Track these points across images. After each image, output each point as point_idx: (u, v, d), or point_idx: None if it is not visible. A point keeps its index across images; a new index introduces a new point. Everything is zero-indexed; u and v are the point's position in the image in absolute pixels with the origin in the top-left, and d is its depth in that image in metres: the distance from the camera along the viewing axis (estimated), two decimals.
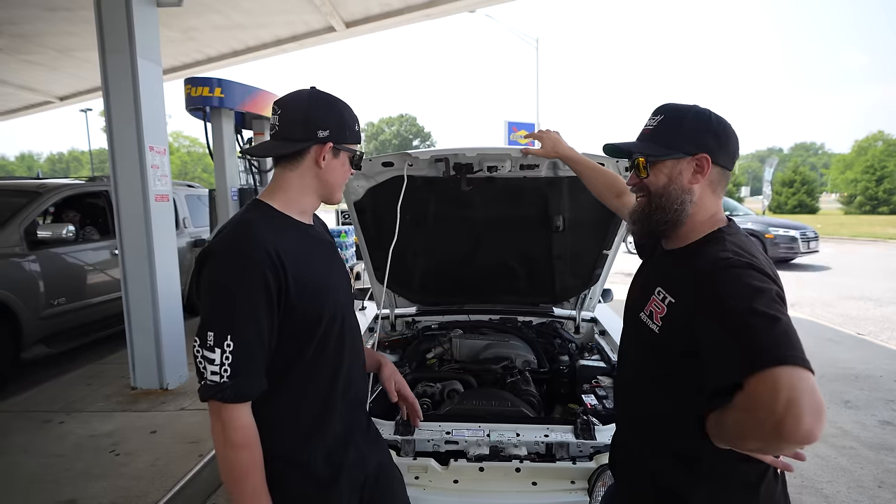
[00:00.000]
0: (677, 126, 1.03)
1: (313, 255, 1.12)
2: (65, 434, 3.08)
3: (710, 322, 0.88)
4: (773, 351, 0.78)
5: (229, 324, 0.96)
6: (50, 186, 4.87)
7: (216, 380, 0.96)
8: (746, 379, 0.79)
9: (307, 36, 7.41)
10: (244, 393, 0.98)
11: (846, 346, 5.51)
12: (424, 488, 1.60)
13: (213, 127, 4.99)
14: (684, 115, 1.04)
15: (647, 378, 1.09)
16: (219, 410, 0.98)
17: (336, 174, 1.14)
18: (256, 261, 0.98)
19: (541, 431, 1.69)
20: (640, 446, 1.12)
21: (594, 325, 2.78)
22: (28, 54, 7.85)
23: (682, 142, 1.02)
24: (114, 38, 3.41)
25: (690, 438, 0.97)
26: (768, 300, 0.84)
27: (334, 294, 1.14)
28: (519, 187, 2.28)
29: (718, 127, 1.03)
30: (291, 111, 1.09)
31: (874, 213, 33.40)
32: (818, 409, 0.73)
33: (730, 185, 9.31)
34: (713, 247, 0.98)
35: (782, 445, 0.77)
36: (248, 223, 1.04)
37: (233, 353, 0.96)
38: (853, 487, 2.82)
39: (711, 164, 1.01)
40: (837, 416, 3.76)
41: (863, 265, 11.51)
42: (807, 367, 0.77)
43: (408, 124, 61.35)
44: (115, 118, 3.49)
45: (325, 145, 1.09)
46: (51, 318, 4.37)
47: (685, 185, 1.02)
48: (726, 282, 0.89)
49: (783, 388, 0.74)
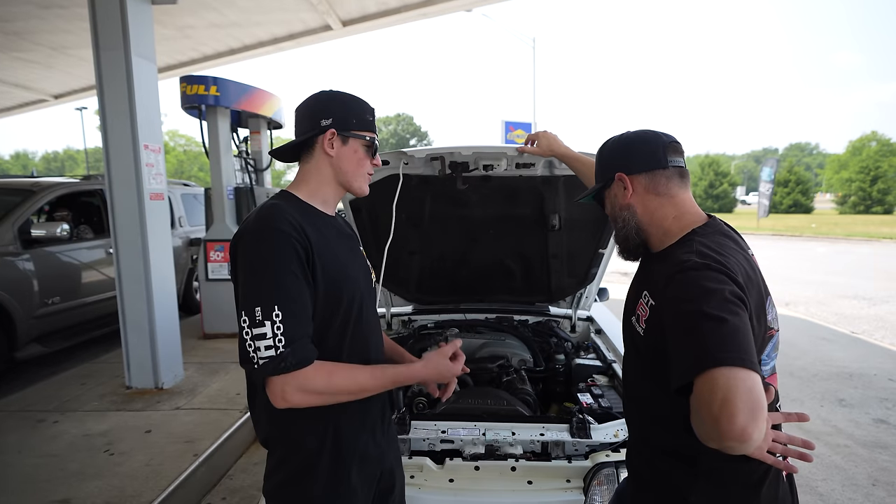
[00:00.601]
0: (599, 163, 1.19)
1: (334, 242, 1.16)
2: (59, 434, 3.06)
3: (669, 324, 0.92)
4: (715, 352, 0.80)
5: (273, 294, 0.98)
6: (44, 185, 4.84)
7: (271, 354, 0.96)
8: (695, 379, 0.81)
9: (304, 34, 7.39)
10: (303, 357, 0.99)
11: (840, 344, 5.54)
12: (420, 487, 1.59)
13: (208, 125, 4.97)
14: (601, 150, 1.18)
15: (642, 379, 1.11)
16: (285, 384, 0.98)
17: (348, 161, 1.17)
18: (287, 234, 1.02)
19: (536, 430, 1.68)
20: (642, 446, 1.13)
21: (590, 324, 2.79)
22: (22, 52, 7.78)
23: (603, 173, 1.16)
24: (108, 35, 3.38)
25: (688, 438, 0.97)
26: (719, 301, 0.85)
27: (353, 282, 1.17)
28: (515, 186, 2.28)
29: (618, 145, 1.14)
30: (301, 110, 1.19)
31: (868, 212, 33.62)
32: (753, 409, 0.75)
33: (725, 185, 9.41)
34: (682, 249, 1.01)
35: (726, 444, 0.77)
36: (275, 206, 1.09)
37: (283, 322, 0.97)
38: (847, 486, 2.84)
39: (628, 176, 1.09)
40: (832, 414, 3.78)
41: (857, 264, 11.58)
42: (747, 366, 0.78)
43: (405, 123, 61.26)
44: (110, 116, 3.47)
45: (328, 132, 1.14)
46: (45, 317, 4.35)
47: (623, 204, 1.12)
48: (682, 284, 0.92)
49: (719, 388, 0.77)
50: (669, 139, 1.10)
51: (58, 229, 4.34)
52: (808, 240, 17.95)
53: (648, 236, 1.11)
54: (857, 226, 22.28)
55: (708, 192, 40.18)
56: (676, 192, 1.08)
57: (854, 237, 17.84)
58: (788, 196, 36.22)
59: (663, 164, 1.08)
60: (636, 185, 1.09)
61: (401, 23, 7.22)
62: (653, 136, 1.10)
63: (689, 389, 0.84)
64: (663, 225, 1.07)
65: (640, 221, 1.10)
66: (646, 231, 1.10)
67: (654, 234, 1.09)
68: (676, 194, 1.08)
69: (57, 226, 4.37)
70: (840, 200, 37.76)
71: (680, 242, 1.04)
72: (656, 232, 1.09)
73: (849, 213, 34.35)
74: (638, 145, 1.11)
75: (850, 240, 17.42)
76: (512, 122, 18.00)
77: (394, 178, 2.00)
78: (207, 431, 3.06)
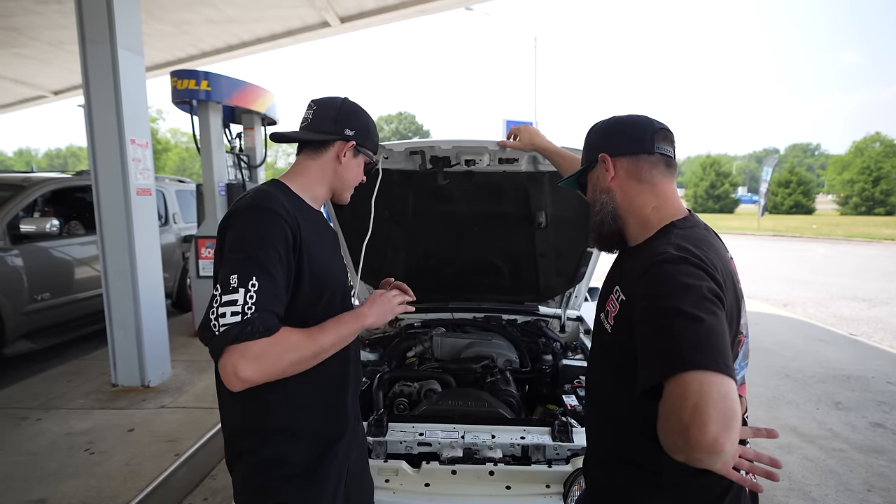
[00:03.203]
0: (585, 145, 1.13)
1: (320, 236, 1.17)
2: (41, 432, 3.02)
3: (640, 321, 0.85)
4: (688, 354, 0.73)
5: (254, 265, 0.97)
6: (34, 180, 4.80)
7: (237, 319, 0.91)
8: (665, 383, 0.74)
9: (302, 31, 7.36)
10: (270, 325, 0.94)
11: (838, 346, 5.48)
12: (394, 492, 1.55)
13: (200, 121, 4.91)
14: (588, 132, 1.13)
15: (606, 381, 1.05)
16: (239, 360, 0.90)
17: (351, 173, 1.24)
18: (278, 214, 1.04)
19: (517, 433, 1.64)
20: (602, 453, 1.08)
21: (580, 324, 2.74)
22: (20, 48, 7.77)
23: (587, 154, 1.12)
24: (94, 28, 3.34)
25: (650, 446, 0.92)
26: (696, 299, 0.79)
27: (335, 278, 1.18)
28: (499, 182, 2.23)
29: (609, 126, 1.09)
30: (325, 108, 1.21)
31: (870, 213, 33.50)
32: (726, 418, 0.68)
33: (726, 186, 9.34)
34: (658, 241, 0.95)
35: (694, 456, 0.70)
36: (268, 191, 1.11)
37: (258, 293, 0.94)
38: (842, 491, 2.78)
39: (611, 158, 1.04)
40: (828, 417, 3.72)
41: (858, 266, 11.50)
42: (722, 371, 0.71)
43: (406, 122, 61.21)
44: (96, 110, 3.42)
45: (349, 143, 1.20)
46: (34, 314, 4.30)
47: (602, 187, 1.07)
48: (656, 278, 0.85)
49: (690, 394, 0.70)
50: (660, 125, 1.05)
51: (47, 225, 4.30)
52: (808, 241, 17.85)
53: (626, 224, 1.04)
54: (859, 227, 22.17)
55: (709, 192, 40.08)
56: (660, 181, 1.02)
57: (855, 238, 17.74)
58: (790, 197, 36.11)
59: (649, 150, 1.02)
60: (619, 169, 1.04)
61: (399, 20, 7.18)
62: (644, 120, 1.06)
63: (657, 393, 0.77)
64: (642, 214, 1.02)
65: (619, 207, 1.04)
66: (623, 218, 1.04)
67: (632, 224, 1.03)
68: (659, 183, 1.02)
69: (46, 221, 4.33)
70: (842, 201, 37.62)
71: (657, 235, 0.98)
72: (634, 221, 1.03)
73: (850, 215, 34.20)
74: (626, 127, 1.06)
75: (851, 241, 17.33)
76: (513, 120, 17.92)
77: (373, 173, 1.95)
78: (191, 430, 3.02)
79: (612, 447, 1.03)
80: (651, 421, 0.89)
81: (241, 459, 1.12)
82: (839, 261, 12.37)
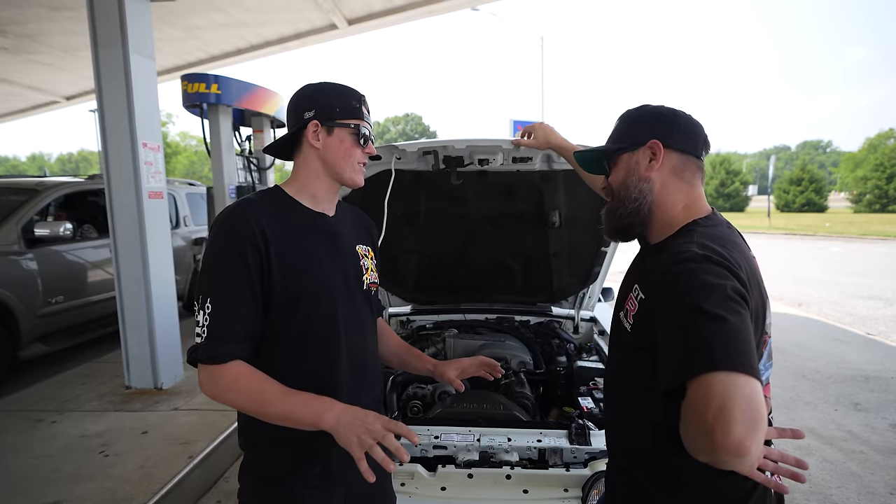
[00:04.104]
0: (630, 123, 1.06)
1: (309, 240, 1.11)
2: (56, 434, 3.05)
3: (662, 319, 0.83)
4: (712, 355, 0.72)
5: (210, 287, 1.02)
6: (48, 185, 4.85)
7: (198, 341, 1.01)
8: (687, 384, 0.73)
9: (310, 34, 7.37)
10: (213, 354, 0.99)
11: (855, 346, 5.38)
12: (410, 496, 1.53)
13: (210, 124, 4.96)
14: (636, 112, 1.07)
15: (626, 382, 1.03)
16: (202, 375, 1.02)
17: (335, 151, 1.13)
18: (235, 229, 1.03)
19: (533, 436, 1.62)
20: (621, 454, 1.06)
21: (594, 325, 2.71)
22: (34, 54, 7.86)
23: (633, 135, 1.04)
24: (106, 33, 3.36)
25: (669, 448, 0.91)
26: (719, 298, 0.77)
27: (323, 282, 1.11)
28: (512, 182, 2.20)
29: (666, 113, 1.03)
30: (288, 107, 1.17)
31: (884, 211, 32.95)
32: (752, 420, 0.66)
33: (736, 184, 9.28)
34: (681, 239, 0.93)
35: (719, 458, 0.69)
36: (242, 201, 1.10)
37: (210, 316, 1.00)
38: (863, 494, 2.72)
39: (664, 148, 0.99)
40: (846, 418, 3.65)
41: (873, 264, 11.31)
42: (748, 372, 0.70)
43: (413, 123, 61.34)
44: (108, 114, 3.45)
45: (310, 124, 1.11)
46: (48, 317, 4.35)
47: (642, 174, 1.01)
48: (679, 276, 0.84)
49: (715, 395, 0.68)
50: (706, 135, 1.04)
51: (61, 228, 4.34)
52: (821, 239, 17.60)
53: (652, 219, 1.02)
54: (873, 225, 21.82)
55: (719, 190, 39.69)
56: (696, 184, 1.02)
57: (870, 236, 17.46)
58: (802, 195, 35.65)
59: (698, 154, 1.02)
60: (665, 161, 1.00)
61: (407, 21, 7.17)
62: (697, 122, 1.03)
63: (678, 394, 0.76)
64: (672, 212, 1.00)
65: (654, 201, 1.00)
66: (653, 213, 1.01)
67: (659, 220, 1.01)
68: (695, 186, 1.02)
69: (60, 225, 4.37)
70: (855, 199, 37.05)
71: (679, 233, 0.96)
72: (662, 217, 1.01)
73: (864, 212, 33.68)
74: (684, 122, 1.02)
75: (865, 239, 17.05)
76: (520, 120, 17.85)
77: (386, 174, 1.94)
78: (204, 433, 3.03)
79: (632, 448, 1.02)
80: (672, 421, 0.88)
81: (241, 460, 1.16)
82: (854, 259, 12.17)
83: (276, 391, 0.99)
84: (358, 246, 1.23)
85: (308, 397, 0.99)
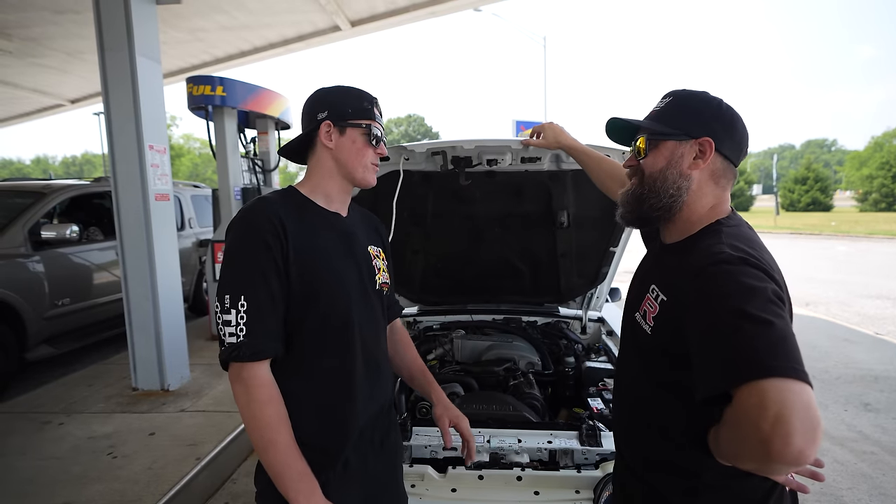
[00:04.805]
0: (684, 108, 0.98)
1: (324, 239, 1.13)
2: (63, 436, 3.05)
3: (698, 323, 0.80)
4: (763, 360, 0.69)
5: (241, 285, 1.01)
6: (55, 187, 4.87)
7: (233, 341, 0.99)
8: (735, 390, 0.71)
9: (313, 35, 7.39)
10: (258, 350, 1.00)
11: (864, 346, 5.34)
12: (421, 497, 1.53)
13: (215, 126, 4.96)
14: (692, 98, 0.98)
15: (642, 383, 1.01)
16: (238, 372, 1.00)
17: (347, 151, 1.15)
18: (257, 225, 1.03)
19: (544, 437, 1.61)
20: (635, 458, 1.04)
21: (601, 326, 2.69)
22: (38, 57, 7.90)
23: (686, 123, 0.96)
24: (112, 36, 3.37)
25: (687, 450, 0.90)
26: (762, 301, 0.75)
27: (339, 279, 1.12)
28: (520, 182, 2.19)
29: (727, 113, 0.96)
30: (302, 109, 1.19)
31: (890, 210, 32.75)
32: (812, 429, 0.65)
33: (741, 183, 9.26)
34: (708, 240, 0.90)
35: (773, 467, 0.68)
36: (261, 199, 1.11)
37: (246, 313, 0.99)
38: (875, 495, 2.70)
39: (715, 150, 0.94)
40: (857, 419, 3.62)
41: (880, 263, 11.23)
42: (802, 378, 0.68)
43: (416, 124, 61.37)
44: (115, 117, 3.46)
45: (323, 125, 1.14)
46: (55, 319, 4.36)
47: (684, 170, 0.95)
48: (717, 279, 0.80)
49: (771, 403, 0.66)
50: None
51: (67, 231, 4.36)
52: (827, 238, 17.51)
53: (677, 217, 0.98)
54: (880, 224, 21.68)
55: None
56: (727, 189, 0.99)
57: (877, 235, 17.34)
58: (807, 194, 35.49)
59: (737, 162, 0.99)
60: (711, 163, 0.95)
61: (410, 22, 7.17)
62: (748, 132, 0.99)
63: (718, 400, 0.74)
64: (698, 212, 0.97)
65: (686, 200, 0.96)
66: (681, 211, 0.97)
67: (683, 219, 0.98)
68: (726, 190, 0.99)
69: (67, 227, 4.38)
70: (861, 198, 36.84)
71: (703, 233, 0.94)
72: (689, 217, 0.97)
73: (870, 211, 33.49)
74: (738, 128, 0.96)
75: (872, 238, 16.94)
76: (523, 121, 17.85)
77: (394, 175, 1.93)
78: (211, 434, 3.03)
79: (649, 452, 1.00)
80: (693, 424, 0.87)
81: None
82: (861, 258, 12.09)
83: (288, 441, 1.00)
84: (370, 247, 1.25)
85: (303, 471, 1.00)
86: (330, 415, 1.11)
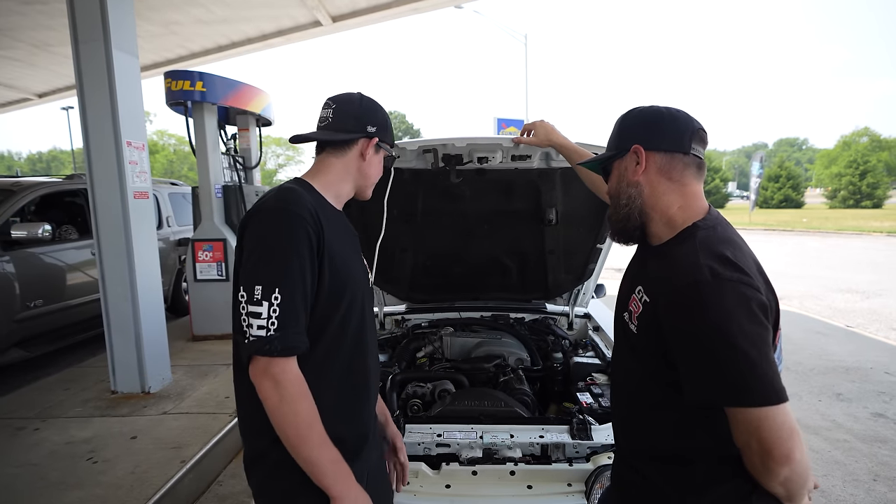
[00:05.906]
0: (620, 128, 1.07)
1: (342, 237, 1.15)
2: (40, 441, 2.95)
3: (679, 339, 0.87)
4: (741, 391, 0.80)
5: (277, 276, 0.98)
6: (25, 185, 4.70)
7: (262, 334, 0.96)
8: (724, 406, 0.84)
9: (293, 30, 7.28)
10: (291, 345, 0.98)
11: (836, 338, 5.53)
12: (415, 494, 1.53)
13: (195, 122, 4.84)
14: (624, 117, 1.07)
15: (633, 379, 1.04)
16: (267, 367, 0.97)
17: (374, 169, 1.24)
18: (302, 218, 1.02)
19: (535, 432, 1.63)
20: (630, 450, 1.07)
21: (588, 321, 2.73)
22: (3, 49, 7.60)
23: (620, 141, 1.05)
24: (86, 28, 3.26)
25: (679, 442, 0.94)
26: (739, 324, 0.81)
27: (355, 280, 1.15)
28: (510, 179, 2.21)
29: (651, 116, 1.03)
30: (346, 106, 1.20)
31: (858, 206, 33.92)
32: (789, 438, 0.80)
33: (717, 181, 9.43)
34: (684, 247, 0.93)
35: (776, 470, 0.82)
36: (294, 189, 1.09)
37: (280, 306, 0.96)
38: (848, 481, 2.80)
39: (646, 151, 1.00)
40: (830, 409, 3.76)
41: (849, 258, 11.64)
42: (778, 402, 0.79)
43: (397, 122, 61.13)
44: (91, 112, 3.35)
45: (372, 140, 1.20)
46: (27, 321, 4.22)
47: (630, 180, 1.02)
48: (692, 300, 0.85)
49: (753, 429, 0.80)
50: (698, 125, 1.01)
51: (39, 230, 4.21)
52: (799, 234, 18.05)
53: (650, 221, 1.02)
54: (848, 220, 22.43)
55: None
56: (689, 182, 1.00)
57: (845, 231, 17.95)
58: (779, 191, 36.47)
59: (685, 150, 0.99)
60: (650, 163, 0.99)
61: (392, 18, 7.12)
62: (684, 116, 1.01)
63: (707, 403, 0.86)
64: (668, 213, 0.99)
65: (645, 203, 1.01)
66: (648, 215, 1.01)
67: (656, 222, 1.01)
68: (689, 184, 1.00)
69: (38, 226, 4.24)
70: (830, 195, 38.06)
71: (681, 238, 0.96)
72: (659, 219, 1.00)
73: (839, 208, 34.62)
74: (666, 122, 1.01)
75: (841, 234, 17.53)
76: (504, 118, 17.94)
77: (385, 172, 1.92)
78: (195, 436, 2.97)
79: (644, 443, 1.02)
80: (686, 418, 0.91)
81: (263, 460, 1.08)
82: (831, 254, 12.50)
83: (322, 433, 1.00)
84: None
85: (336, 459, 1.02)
86: (349, 414, 1.12)
